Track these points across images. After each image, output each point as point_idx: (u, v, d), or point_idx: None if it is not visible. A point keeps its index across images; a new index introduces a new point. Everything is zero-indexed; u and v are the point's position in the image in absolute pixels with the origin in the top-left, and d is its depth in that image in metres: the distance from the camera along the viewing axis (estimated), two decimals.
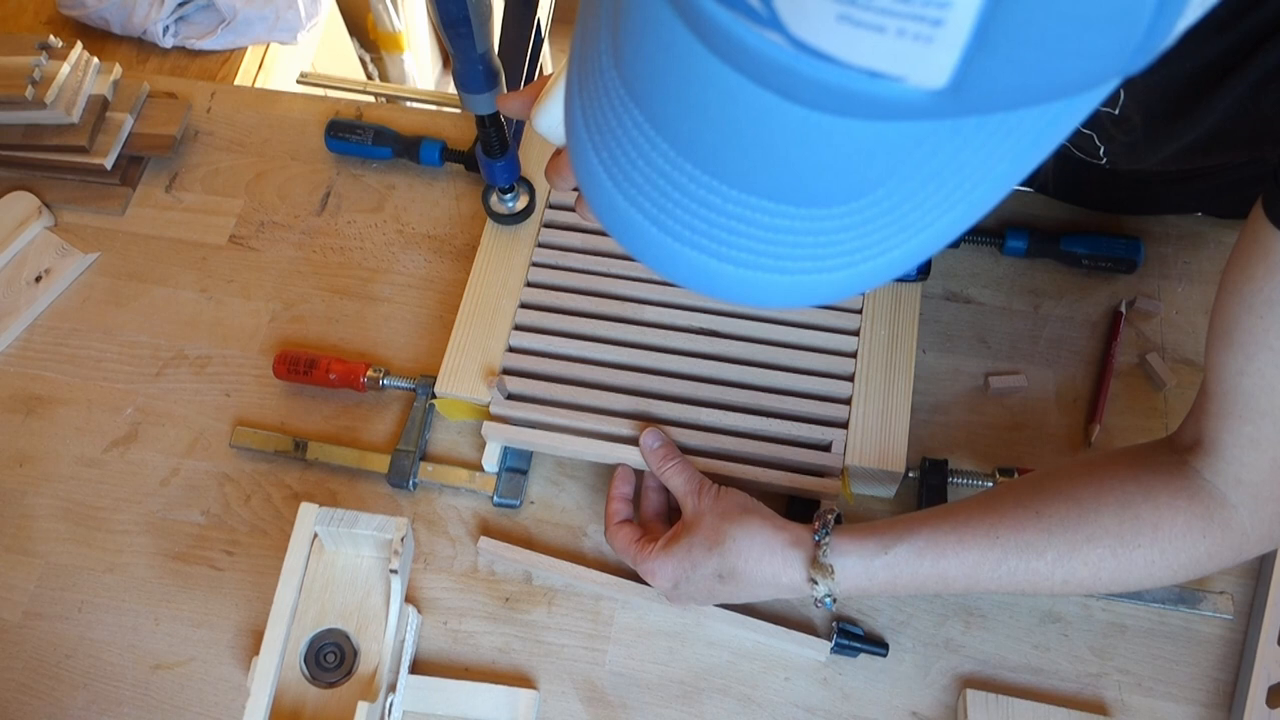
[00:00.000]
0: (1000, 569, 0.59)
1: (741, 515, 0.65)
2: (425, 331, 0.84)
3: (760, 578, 0.63)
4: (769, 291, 0.36)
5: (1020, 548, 0.59)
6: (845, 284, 0.35)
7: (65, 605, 0.75)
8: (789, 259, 0.34)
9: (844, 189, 0.32)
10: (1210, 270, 0.83)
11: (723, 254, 0.34)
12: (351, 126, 0.91)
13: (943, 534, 0.61)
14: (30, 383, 0.83)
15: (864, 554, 0.61)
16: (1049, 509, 0.59)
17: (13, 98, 0.86)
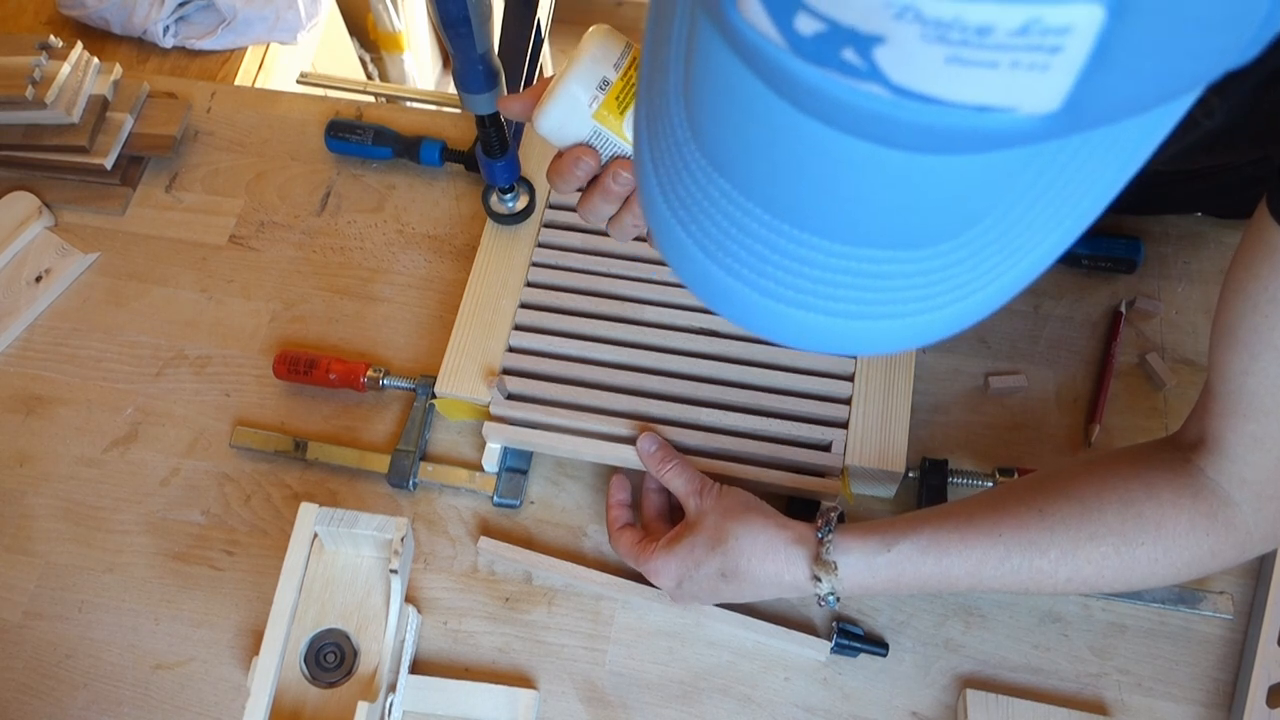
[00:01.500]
0: (1003, 567, 0.59)
1: (744, 513, 0.65)
2: (425, 331, 0.84)
3: (763, 576, 0.63)
4: (881, 339, 0.35)
5: (1023, 546, 0.59)
6: (957, 318, 0.34)
7: (65, 605, 0.75)
8: (898, 303, 0.33)
9: (950, 225, 0.31)
10: (1210, 270, 0.83)
11: (831, 309, 0.33)
12: (351, 126, 0.91)
13: (946, 532, 0.60)
14: (30, 383, 0.83)
15: (867, 551, 0.61)
16: (1052, 507, 0.59)
17: (13, 98, 0.86)
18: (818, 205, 0.31)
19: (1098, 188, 0.31)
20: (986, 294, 0.33)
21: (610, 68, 0.52)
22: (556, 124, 0.53)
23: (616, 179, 0.54)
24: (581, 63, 0.52)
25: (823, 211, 0.31)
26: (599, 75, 0.52)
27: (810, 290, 0.33)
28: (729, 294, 0.35)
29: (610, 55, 0.53)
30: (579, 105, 0.52)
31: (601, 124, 0.53)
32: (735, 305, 0.35)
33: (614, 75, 0.52)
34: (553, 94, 0.52)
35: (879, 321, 0.34)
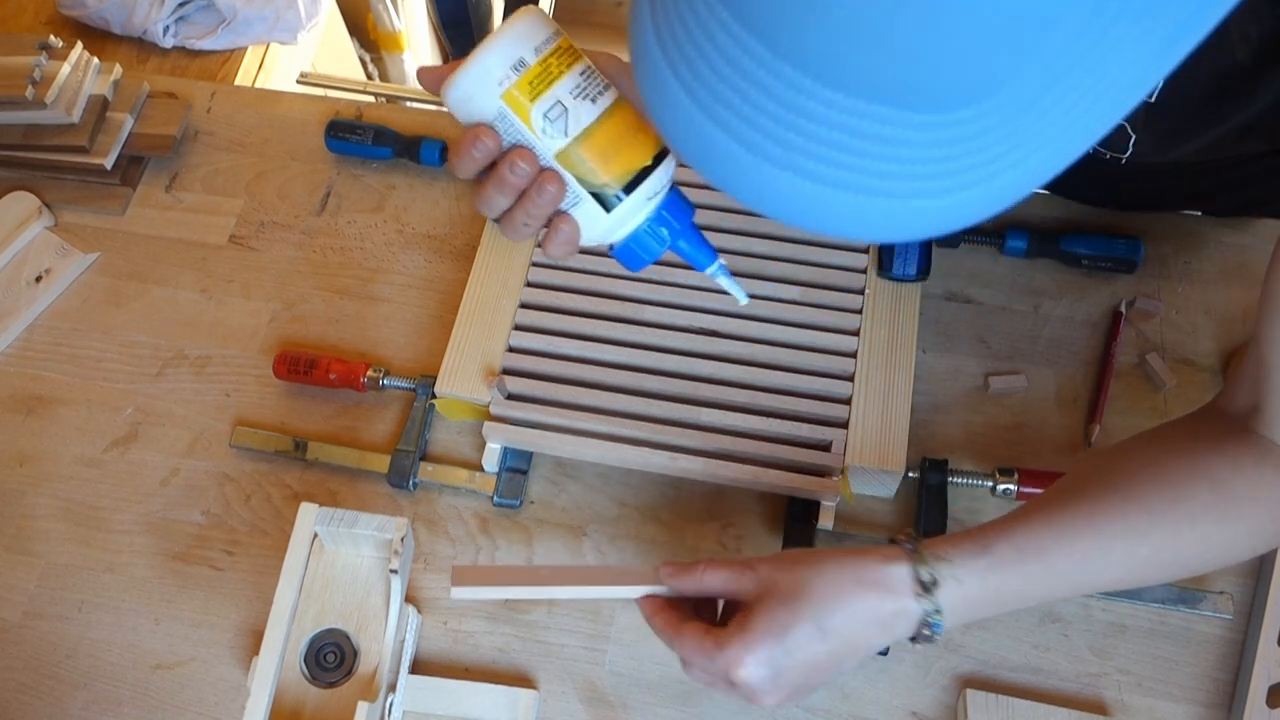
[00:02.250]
0: (1107, 559, 0.55)
1: (811, 559, 0.55)
2: (425, 331, 0.84)
3: (862, 615, 0.54)
4: (877, 221, 0.31)
5: (1125, 534, 0.55)
6: (968, 206, 0.31)
7: (65, 605, 0.75)
8: (904, 179, 0.30)
9: (969, 86, 0.28)
10: (1210, 270, 0.83)
11: (829, 176, 0.30)
12: (351, 126, 0.91)
13: (1038, 527, 0.55)
14: (30, 383, 0.83)
15: (964, 554, 0.54)
16: (1141, 491, 0.56)
17: (13, 98, 0.86)
18: (829, 43, 0.28)
19: (1131, 73, 0.28)
20: (1002, 182, 0.30)
21: (530, 50, 0.49)
22: (463, 96, 0.50)
23: (514, 169, 0.51)
24: (501, 38, 0.49)
25: (834, 52, 0.28)
26: (516, 54, 0.49)
27: (806, 150, 0.30)
28: (713, 147, 0.31)
29: (534, 37, 0.50)
30: (489, 81, 0.49)
31: (509, 106, 0.50)
32: (720, 164, 0.32)
33: (533, 58, 0.49)
34: (464, 64, 0.49)
35: (877, 200, 0.30)
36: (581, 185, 0.52)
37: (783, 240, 0.80)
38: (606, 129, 0.51)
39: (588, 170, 0.51)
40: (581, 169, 0.51)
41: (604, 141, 0.51)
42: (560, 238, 0.53)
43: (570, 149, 0.51)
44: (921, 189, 0.30)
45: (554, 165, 0.51)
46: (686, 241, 0.55)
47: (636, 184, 0.52)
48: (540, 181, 0.51)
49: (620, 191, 0.51)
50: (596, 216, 0.53)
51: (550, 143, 0.50)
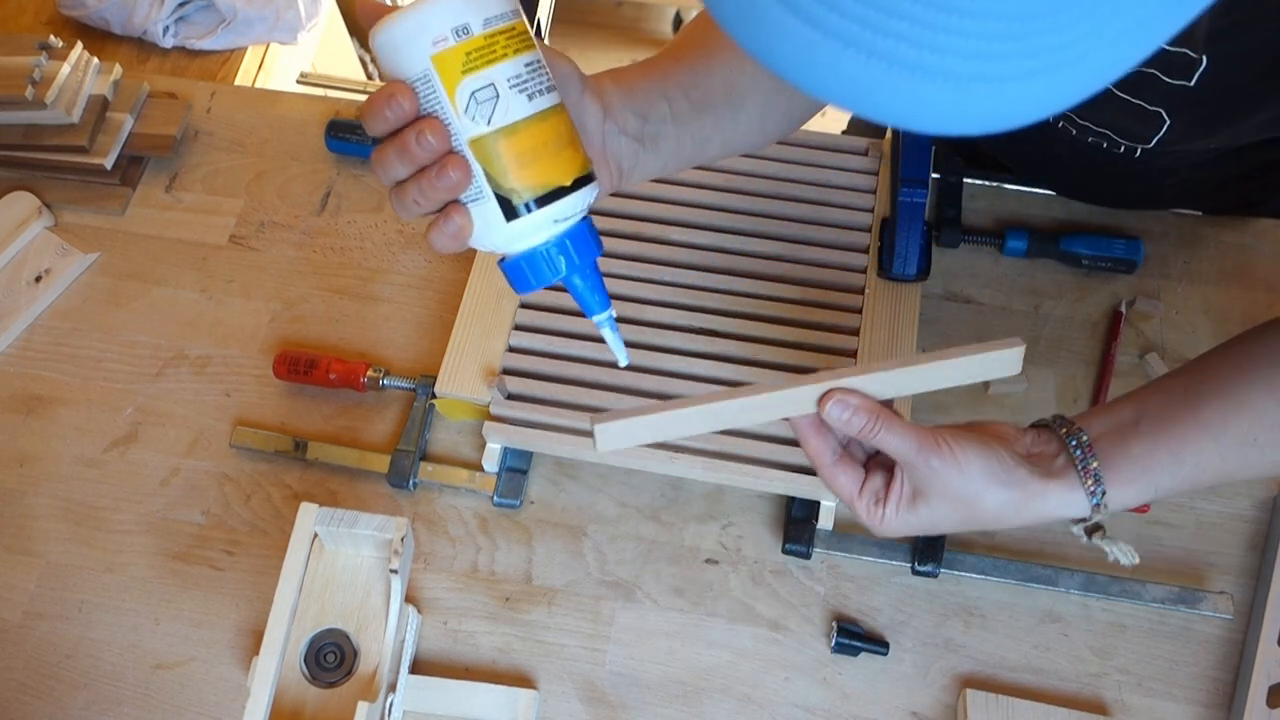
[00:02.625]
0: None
1: (994, 484, 0.53)
2: (425, 331, 0.84)
3: (1023, 522, 0.55)
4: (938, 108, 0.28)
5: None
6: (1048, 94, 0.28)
7: (65, 605, 0.75)
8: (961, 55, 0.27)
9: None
10: (1210, 270, 0.83)
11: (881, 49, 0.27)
12: (352, 126, 0.91)
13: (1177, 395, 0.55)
14: (30, 383, 0.83)
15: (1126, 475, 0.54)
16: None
17: (13, 98, 0.86)
18: None
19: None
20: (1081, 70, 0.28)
21: (479, 19, 0.45)
22: (392, 43, 0.45)
23: (421, 140, 0.46)
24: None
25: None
26: (462, 19, 0.45)
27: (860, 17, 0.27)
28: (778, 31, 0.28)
29: (487, 8, 0.45)
30: (423, 35, 0.45)
31: (436, 71, 0.45)
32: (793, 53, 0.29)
33: (479, 29, 0.45)
34: (403, 10, 0.45)
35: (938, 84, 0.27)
36: (489, 183, 0.47)
37: (783, 240, 0.80)
38: (535, 131, 0.47)
39: (500, 169, 0.47)
40: (494, 165, 0.47)
41: (528, 143, 0.47)
42: (449, 229, 0.49)
43: (489, 139, 0.46)
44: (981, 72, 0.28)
45: (465, 151, 0.47)
46: (582, 279, 0.51)
47: (549, 200, 0.48)
48: (444, 163, 0.47)
49: (530, 202, 0.47)
50: (495, 221, 0.48)
51: (470, 126, 0.46)
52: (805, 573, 0.74)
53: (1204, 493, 0.75)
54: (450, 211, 0.48)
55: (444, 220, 0.49)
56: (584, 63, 0.53)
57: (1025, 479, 0.53)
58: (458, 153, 0.47)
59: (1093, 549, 0.58)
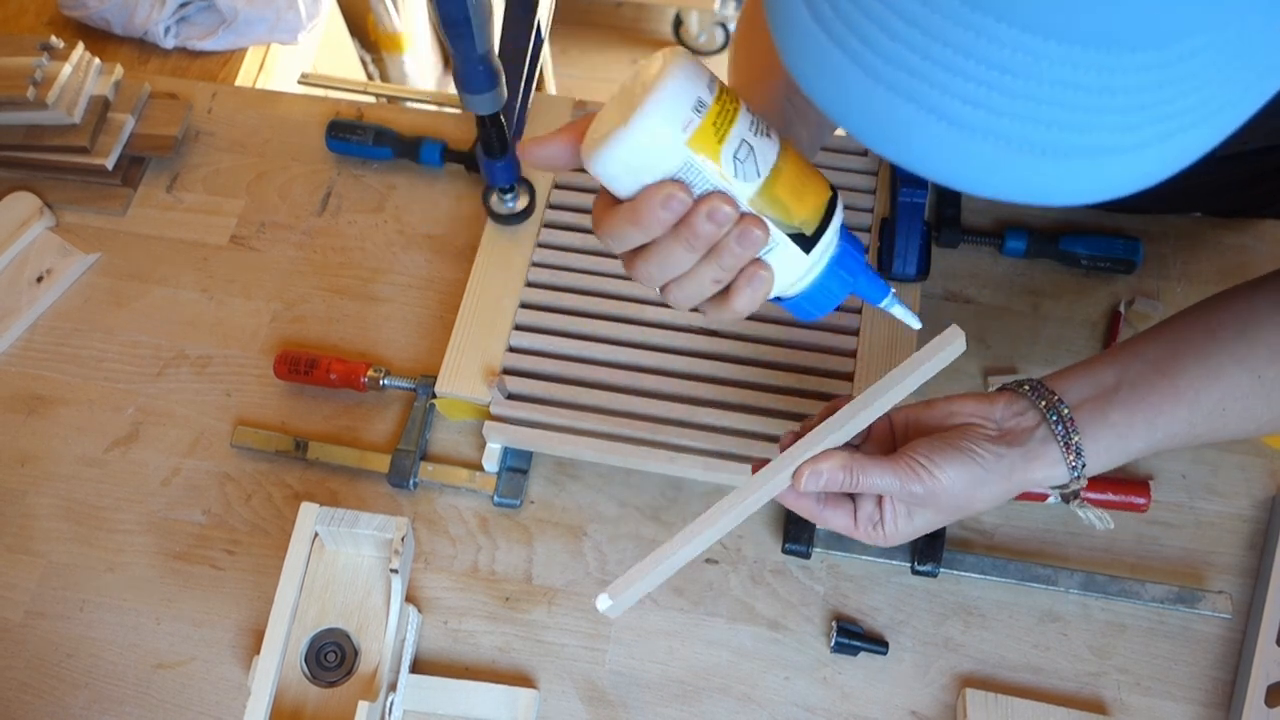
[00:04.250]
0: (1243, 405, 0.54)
1: (978, 469, 0.53)
2: (425, 331, 0.84)
3: (1009, 499, 0.57)
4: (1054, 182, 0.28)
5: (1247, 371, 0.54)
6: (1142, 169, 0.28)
7: (66, 605, 0.75)
8: (1072, 129, 0.27)
9: (1160, 23, 0.26)
10: (1209, 270, 0.83)
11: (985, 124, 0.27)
12: (352, 127, 0.91)
13: (1165, 344, 0.55)
14: (31, 382, 0.84)
15: (1105, 442, 0.53)
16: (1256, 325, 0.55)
17: (14, 98, 0.86)
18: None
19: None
20: (1177, 144, 0.28)
21: (704, 87, 0.43)
22: (636, 152, 0.43)
23: (713, 216, 0.44)
24: (670, 81, 0.43)
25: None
26: (693, 95, 0.43)
27: (962, 93, 0.27)
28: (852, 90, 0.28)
29: (700, 75, 0.44)
30: (671, 128, 0.43)
31: (696, 153, 0.43)
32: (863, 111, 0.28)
33: (709, 97, 0.43)
34: (630, 121, 0.43)
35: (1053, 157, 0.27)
36: (779, 227, 0.46)
37: None
38: (788, 163, 0.46)
39: (784, 209, 0.46)
40: (778, 209, 0.46)
41: (791, 176, 0.46)
42: (758, 285, 0.48)
43: (764, 190, 0.45)
44: (1098, 144, 0.27)
45: (751, 211, 0.46)
46: (864, 277, 0.50)
47: (829, 217, 0.47)
48: (744, 227, 0.45)
49: (816, 227, 0.47)
50: (794, 259, 0.47)
51: (745, 187, 0.45)
52: (805, 572, 0.74)
53: (1203, 492, 0.75)
54: (754, 269, 0.48)
55: (750, 279, 0.48)
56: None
57: (1008, 468, 0.54)
58: (748, 213, 0.46)
59: (1072, 521, 0.58)
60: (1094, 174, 0.28)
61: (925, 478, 0.53)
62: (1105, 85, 0.27)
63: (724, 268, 0.47)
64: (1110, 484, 0.73)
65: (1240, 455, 0.77)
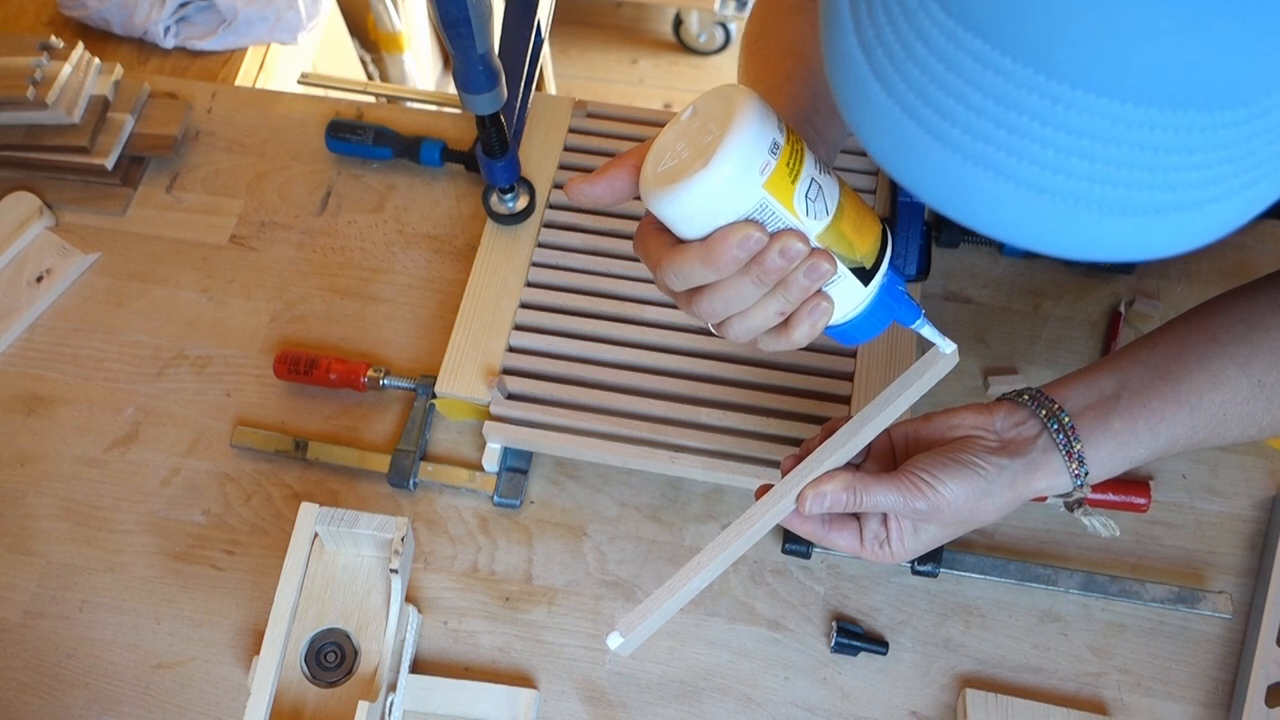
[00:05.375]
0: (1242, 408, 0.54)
1: (981, 482, 0.53)
2: (425, 331, 0.84)
3: (1014, 508, 0.56)
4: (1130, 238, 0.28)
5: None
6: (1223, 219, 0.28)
7: (66, 605, 0.75)
8: (1152, 188, 0.27)
9: (1242, 83, 0.26)
10: (1209, 270, 0.83)
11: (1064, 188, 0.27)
12: (352, 127, 0.91)
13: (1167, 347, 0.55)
14: (31, 382, 0.83)
15: (1109, 449, 0.53)
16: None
17: (14, 98, 0.86)
18: (1090, 44, 0.25)
19: None
20: (1251, 195, 0.28)
21: (776, 128, 0.44)
22: (714, 195, 0.43)
23: (785, 252, 0.44)
24: (745, 124, 0.43)
25: (1097, 54, 0.25)
26: (768, 137, 0.43)
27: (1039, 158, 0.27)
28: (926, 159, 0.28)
29: (770, 115, 0.44)
30: (748, 173, 0.43)
31: (771, 195, 0.44)
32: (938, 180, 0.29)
33: (782, 138, 0.44)
34: (709, 165, 0.43)
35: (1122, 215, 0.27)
36: (843, 262, 0.48)
37: None
38: (850, 200, 0.48)
39: (848, 245, 0.48)
40: (843, 245, 0.47)
41: (852, 214, 0.47)
42: (818, 315, 0.49)
43: (831, 227, 0.47)
44: (1176, 200, 0.28)
45: (820, 246, 0.47)
46: (904, 304, 0.52)
47: (884, 251, 0.49)
48: (813, 261, 0.46)
49: (875, 261, 0.49)
50: (853, 291, 0.49)
51: (814, 224, 0.46)
52: (805, 572, 0.74)
53: (1204, 493, 0.75)
54: (816, 299, 0.49)
55: (812, 310, 0.49)
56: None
57: (1011, 479, 0.54)
58: (818, 249, 0.47)
59: (1072, 521, 0.58)
60: (1175, 228, 0.29)
61: (928, 493, 0.53)
62: (1185, 144, 0.27)
63: (789, 300, 0.48)
64: (1111, 484, 0.73)
65: (1240, 455, 0.77)
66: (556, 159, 0.86)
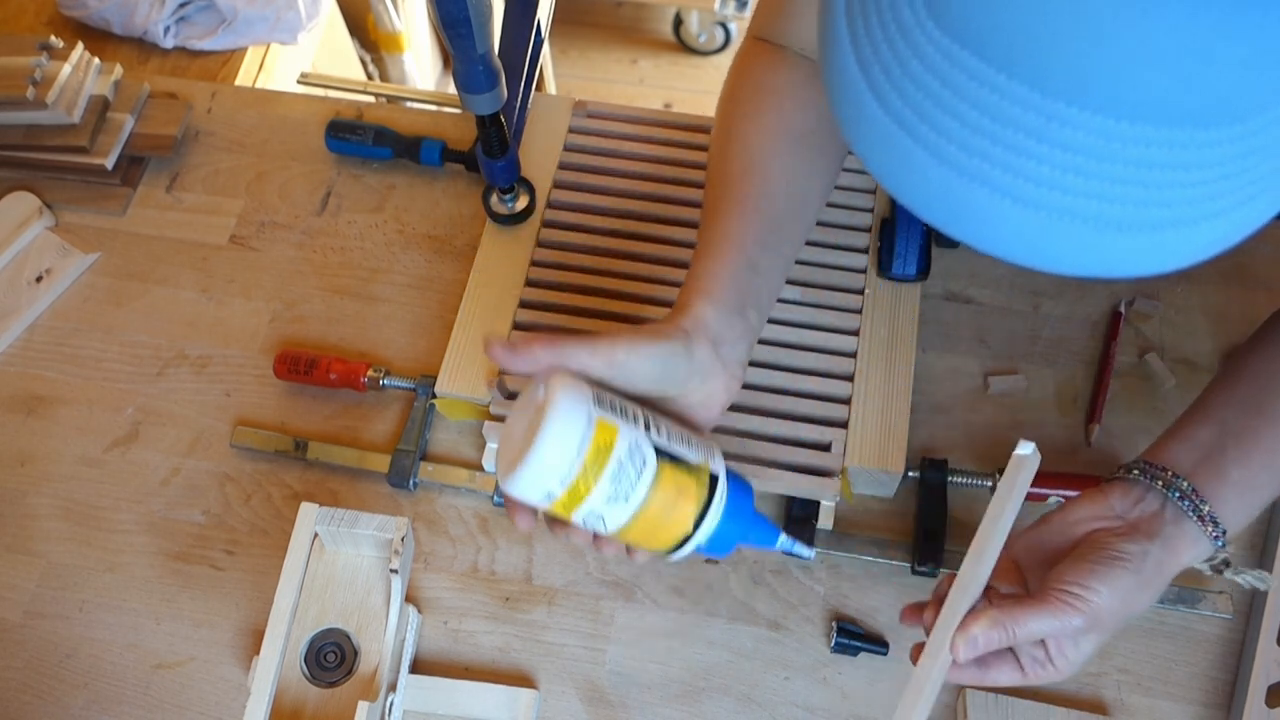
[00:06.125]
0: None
1: (1141, 579, 0.52)
2: (425, 331, 0.84)
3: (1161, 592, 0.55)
4: (1121, 256, 0.28)
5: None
6: (1222, 233, 0.28)
7: (66, 605, 0.75)
8: (1150, 204, 0.28)
9: (1240, 99, 0.26)
10: (1209, 270, 0.83)
11: (1061, 205, 0.27)
12: (352, 127, 0.91)
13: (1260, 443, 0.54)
14: (31, 382, 0.83)
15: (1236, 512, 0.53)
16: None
17: (14, 98, 0.86)
18: (1086, 63, 0.25)
19: None
20: (1246, 212, 0.29)
21: (556, 480, 0.51)
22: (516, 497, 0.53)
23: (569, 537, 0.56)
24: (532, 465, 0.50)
25: (1093, 72, 0.26)
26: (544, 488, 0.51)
27: (1033, 175, 0.27)
28: (924, 176, 0.29)
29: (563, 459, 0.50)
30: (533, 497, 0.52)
31: (554, 510, 0.53)
32: (938, 197, 0.29)
33: (559, 489, 0.51)
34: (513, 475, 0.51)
35: (1120, 231, 0.28)
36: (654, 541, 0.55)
37: None
38: (644, 517, 0.53)
39: (638, 543, 0.55)
40: (631, 540, 0.55)
41: (644, 526, 0.53)
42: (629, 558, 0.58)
43: (614, 536, 0.54)
44: (1172, 216, 0.28)
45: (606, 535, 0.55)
46: (752, 537, 0.58)
47: (683, 544, 0.55)
48: (599, 543, 0.55)
49: (673, 550, 0.55)
50: (658, 556, 0.56)
51: (601, 529, 0.54)
52: (805, 572, 0.74)
53: None
54: (630, 552, 0.57)
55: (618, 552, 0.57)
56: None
57: (1156, 563, 0.53)
58: (603, 537, 0.55)
59: (1227, 583, 0.60)
60: (1172, 244, 0.29)
61: (1082, 606, 0.51)
62: (1182, 161, 0.27)
63: (601, 553, 0.57)
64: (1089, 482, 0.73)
65: None
66: (556, 159, 0.86)
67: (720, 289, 0.59)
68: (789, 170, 0.62)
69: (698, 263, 0.60)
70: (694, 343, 0.56)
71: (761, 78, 0.64)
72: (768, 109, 0.63)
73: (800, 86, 0.64)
